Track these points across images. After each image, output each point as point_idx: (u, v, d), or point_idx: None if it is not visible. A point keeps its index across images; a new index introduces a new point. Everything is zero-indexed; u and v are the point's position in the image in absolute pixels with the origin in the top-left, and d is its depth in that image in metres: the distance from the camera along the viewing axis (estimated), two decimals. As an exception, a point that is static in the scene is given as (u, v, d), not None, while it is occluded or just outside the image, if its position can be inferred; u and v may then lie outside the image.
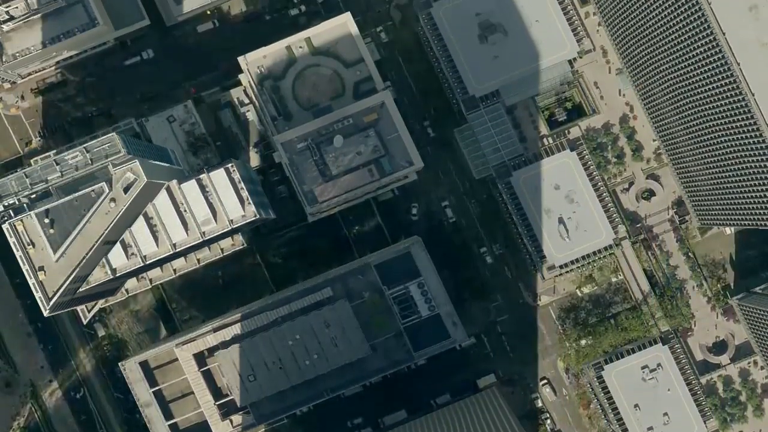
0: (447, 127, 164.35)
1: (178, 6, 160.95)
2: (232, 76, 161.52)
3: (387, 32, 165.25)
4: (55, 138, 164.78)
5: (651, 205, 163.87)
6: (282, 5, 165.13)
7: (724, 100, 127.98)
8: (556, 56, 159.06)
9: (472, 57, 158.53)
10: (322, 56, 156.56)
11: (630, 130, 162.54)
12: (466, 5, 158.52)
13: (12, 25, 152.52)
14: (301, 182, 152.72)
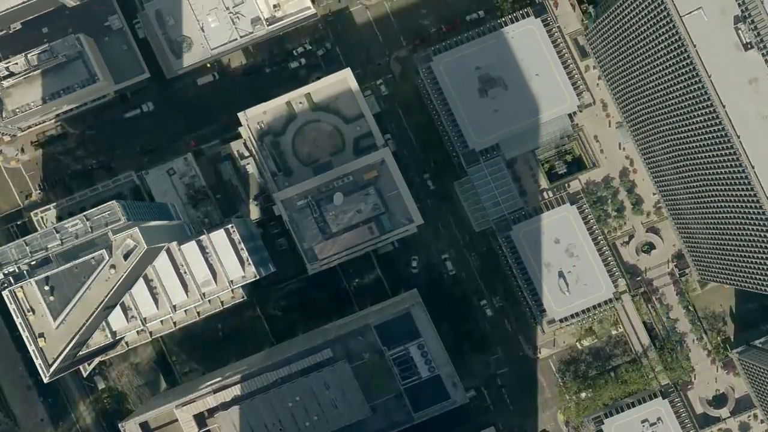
0: (447, 179, 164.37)
1: (178, 60, 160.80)
2: (232, 129, 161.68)
3: (387, 85, 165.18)
4: (55, 191, 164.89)
5: (651, 258, 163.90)
6: (282, 58, 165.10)
7: (723, 170, 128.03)
8: (556, 110, 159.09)
9: (472, 111, 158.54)
10: (322, 112, 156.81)
11: (630, 183, 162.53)
12: (466, 59, 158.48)
13: (12, 81, 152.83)
14: (301, 240, 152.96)
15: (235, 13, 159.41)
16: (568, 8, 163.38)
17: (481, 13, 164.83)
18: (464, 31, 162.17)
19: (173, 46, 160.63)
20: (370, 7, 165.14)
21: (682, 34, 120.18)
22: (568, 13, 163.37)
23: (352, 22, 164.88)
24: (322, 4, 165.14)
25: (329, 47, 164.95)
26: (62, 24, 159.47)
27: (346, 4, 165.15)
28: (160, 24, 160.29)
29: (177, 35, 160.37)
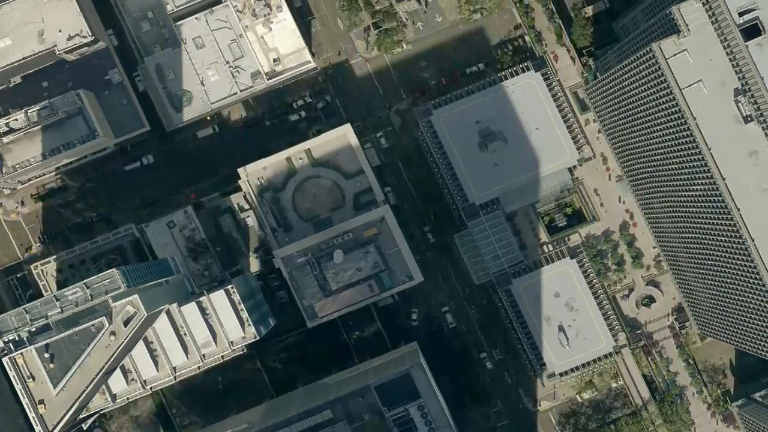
0: (447, 232, 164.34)
1: (178, 114, 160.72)
2: (232, 182, 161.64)
3: (387, 138, 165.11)
4: (55, 243, 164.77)
5: (651, 312, 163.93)
6: (282, 111, 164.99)
7: (723, 239, 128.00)
8: (556, 164, 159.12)
9: (472, 164, 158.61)
10: (322, 167, 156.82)
11: (630, 237, 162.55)
12: (466, 113, 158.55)
13: (12, 137, 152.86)
14: (302, 297, 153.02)
15: (235, 67, 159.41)
16: (567, 61, 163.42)
17: (481, 66, 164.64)
18: (464, 83, 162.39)
19: (173, 100, 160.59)
20: (369, 59, 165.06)
21: (682, 106, 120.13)
22: (568, 66, 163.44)
23: (351, 74, 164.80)
24: (322, 57, 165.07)
25: (329, 100, 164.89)
26: (62, 78, 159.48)
27: (346, 57, 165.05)
28: (160, 78, 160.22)
29: (177, 89, 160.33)
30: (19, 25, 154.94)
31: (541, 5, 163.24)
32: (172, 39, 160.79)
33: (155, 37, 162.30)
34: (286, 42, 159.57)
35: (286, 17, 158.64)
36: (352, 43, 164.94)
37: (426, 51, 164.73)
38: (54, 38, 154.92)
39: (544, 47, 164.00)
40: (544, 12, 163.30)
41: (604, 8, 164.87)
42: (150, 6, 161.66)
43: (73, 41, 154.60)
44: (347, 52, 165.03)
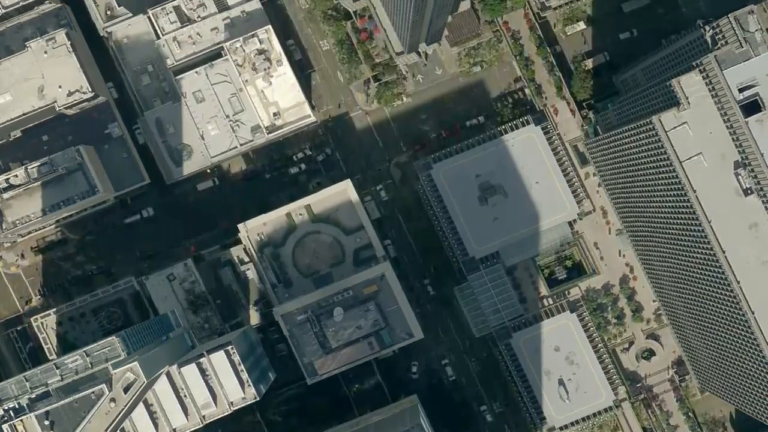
0: (447, 284, 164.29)
1: (178, 168, 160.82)
2: (232, 235, 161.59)
3: (387, 190, 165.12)
4: (55, 296, 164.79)
5: (651, 365, 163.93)
6: (282, 164, 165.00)
7: (723, 309, 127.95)
8: (556, 218, 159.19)
9: (472, 218, 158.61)
10: (322, 223, 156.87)
11: (630, 290, 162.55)
12: (466, 167, 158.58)
13: (12, 193, 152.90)
14: (302, 354, 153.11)
15: (235, 121, 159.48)
16: (568, 115, 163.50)
17: (481, 119, 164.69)
18: (464, 136, 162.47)
19: (173, 154, 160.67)
20: (369, 112, 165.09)
21: (682, 179, 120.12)
22: (568, 119, 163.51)
23: (351, 127, 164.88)
24: (321, 110, 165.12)
25: (329, 152, 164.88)
26: (62, 132, 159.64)
27: (346, 110, 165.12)
28: (160, 132, 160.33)
29: (177, 143, 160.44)
30: (19, 80, 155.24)
31: (541, 58, 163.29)
32: (172, 92, 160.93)
33: (155, 90, 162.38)
34: (286, 96, 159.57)
35: (286, 71, 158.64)
36: (352, 95, 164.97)
37: (426, 104, 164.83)
38: (54, 94, 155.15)
39: (544, 100, 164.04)
40: (545, 65, 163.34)
41: (605, 61, 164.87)
42: (150, 60, 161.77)
43: (73, 97, 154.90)
44: (347, 104, 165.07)
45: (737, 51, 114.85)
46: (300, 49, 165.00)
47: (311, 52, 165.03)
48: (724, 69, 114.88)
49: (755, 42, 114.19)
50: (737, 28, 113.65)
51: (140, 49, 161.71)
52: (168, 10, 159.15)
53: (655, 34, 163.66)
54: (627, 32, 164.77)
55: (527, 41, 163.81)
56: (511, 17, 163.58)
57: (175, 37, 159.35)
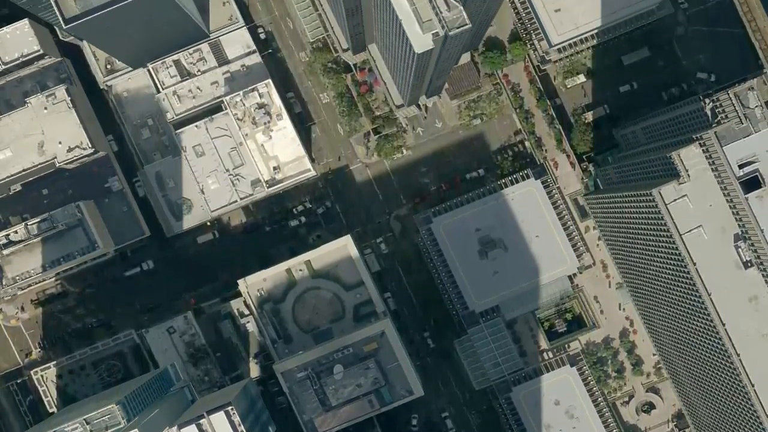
0: (447, 337, 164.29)
1: (178, 222, 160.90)
2: (232, 287, 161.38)
3: (387, 243, 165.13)
4: (55, 349, 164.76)
5: (651, 418, 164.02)
6: (282, 216, 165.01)
7: (723, 380, 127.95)
8: (556, 271, 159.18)
9: (472, 272, 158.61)
10: (322, 279, 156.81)
11: (630, 344, 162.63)
12: (466, 221, 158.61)
13: (12, 249, 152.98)
14: (302, 412, 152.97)
15: (235, 175, 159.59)
16: (568, 168, 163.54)
17: (481, 172, 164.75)
18: (464, 189, 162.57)
19: (173, 208, 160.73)
20: (369, 165, 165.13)
21: (682, 252, 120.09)
22: (568, 173, 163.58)
23: (351, 180, 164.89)
24: (321, 163, 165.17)
25: (329, 205, 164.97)
26: (62, 186, 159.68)
27: (346, 163, 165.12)
28: (160, 186, 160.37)
29: (177, 197, 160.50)
30: (19, 136, 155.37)
31: (541, 111, 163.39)
32: (172, 146, 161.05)
33: (155, 144, 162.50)
34: (286, 150, 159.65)
35: (286, 125, 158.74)
36: (352, 148, 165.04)
37: (426, 156, 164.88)
38: (54, 150, 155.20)
39: (544, 153, 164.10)
40: (545, 118, 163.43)
41: (604, 114, 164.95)
42: (150, 113, 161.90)
43: (73, 153, 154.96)
44: (347, 157, 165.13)
45: (737, 127, 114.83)
46: (300, 101, 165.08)
47: (311, 104, 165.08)
48: (725, 145, 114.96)
49: (755, 118, 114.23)
50: (737, 104, 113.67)
51: (140, 102, 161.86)
52: (168, 64, 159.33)
53: (655, 86, 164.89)
54: (627, 85, 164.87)
55: (527, 94, 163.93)
56: (511, 70, 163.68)
57: (175, 91, 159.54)
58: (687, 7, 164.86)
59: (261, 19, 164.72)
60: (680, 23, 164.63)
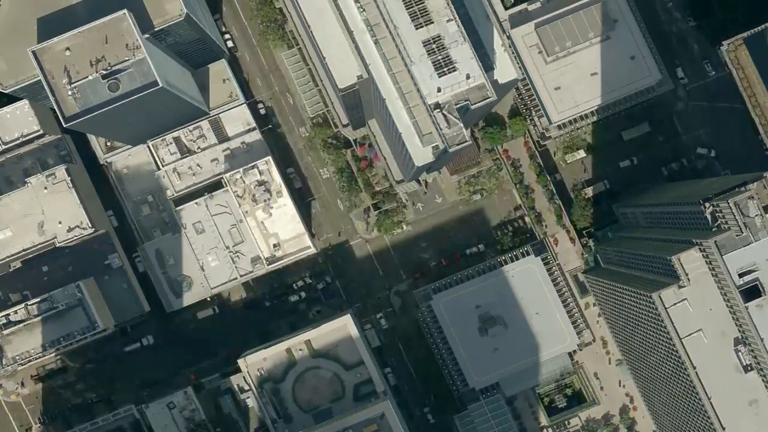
0: (447, 412, 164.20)
1: (178, 300, 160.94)
2: (232, 363, 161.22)
3: (387, 318, 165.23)
4: (55, 424, 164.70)
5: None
6: (282, 292, 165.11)
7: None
8: (556, 348, 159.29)
9: (472, 349, 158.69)
10: (322, 359, 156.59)
11: (630, 420, 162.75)
12: (466, 297, 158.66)
13: (12, 329, 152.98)
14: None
15: (235, 252, 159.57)
16: (568, 245, 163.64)
17: (481, 247, 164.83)
18: (464, 264, 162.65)
19: (173, 285, 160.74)
20: (369, 240, 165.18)
21: (682, 355, 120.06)
22: (568, 249, 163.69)
23: (352, 255, 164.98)
24: (321, 238, 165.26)
25: (329, 281, 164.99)
26: (62, 263, 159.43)
27: (346, 238, 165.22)
28: (160, 263, 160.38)
29: (177, 274, 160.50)
30: (20, 216, 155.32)
31: (541, 186, 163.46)
32: (172, 223, 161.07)
33: (155, 220, 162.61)
34: (287, 227, 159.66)
35: (287, 202, 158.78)
36: (352, 224, 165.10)
37: (426, 232, 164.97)
38: (54, 230, 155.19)
39: (544, 228, 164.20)
40: (544, 193, 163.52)
41: (604, 189, 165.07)
42: (150, 190, 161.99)
43: (73, 233, 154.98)
44: (347, 233, 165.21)
45: (737, 236, 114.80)
46: (300, 177, 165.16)
47: (311, 180, 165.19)
48: (725, 254, 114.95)
49: (755, 227, 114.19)
50: (737, 213, 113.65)
51: (140, 179, 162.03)
52: (168, 141, 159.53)
53: (656, 161, 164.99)
54: (627, 160, 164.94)
55: (527, 169, 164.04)
56: (511, 145, 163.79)
57: (175, 168, 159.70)
58: (687, 83, 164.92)
59: (261, 94, 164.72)
60: (680, 98, 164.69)
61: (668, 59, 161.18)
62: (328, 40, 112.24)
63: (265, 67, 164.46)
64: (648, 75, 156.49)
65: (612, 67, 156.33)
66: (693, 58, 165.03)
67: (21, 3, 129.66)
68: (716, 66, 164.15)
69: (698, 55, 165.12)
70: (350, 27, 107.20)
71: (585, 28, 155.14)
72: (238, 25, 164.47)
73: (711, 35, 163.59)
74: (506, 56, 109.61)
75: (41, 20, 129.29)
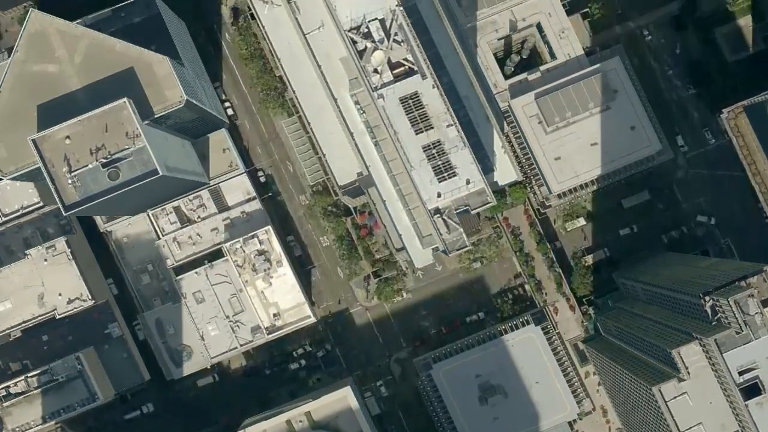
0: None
1: (178, 369, 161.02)
2: (232, 430, 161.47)
3: (387, 386, 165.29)
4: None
5: None
6: (282, 359, 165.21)
7: None
8: (556, 418, 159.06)
9: (472, 418, 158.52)
10: (322, 431, 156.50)
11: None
12: (466, 367, 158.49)
13: (12, 401, 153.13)
14: None
15: (235, 322, 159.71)
16: (568, 313, 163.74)
17: (482, 315, 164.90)
18: (464, 332, 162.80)
19: (173, 355, 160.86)
20: (369, 308, 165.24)
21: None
22: (568, 318, 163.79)
23: (352, 323, 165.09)
24: (321, 306, 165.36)
25: (329, 348, 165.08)
26: (62, 332, 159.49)
27: (346, 306, 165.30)
28: (160, 332, 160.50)
29: (177, 344, 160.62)
30: (19, 288, 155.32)
31: (541, 254, 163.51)
32: (172, 292, 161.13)
33: (155, 289, 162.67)
34: (287, 297, 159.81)
35: (287, 272, 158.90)
36: (352, 291, 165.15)
37: (426, 299, 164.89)
38: (54, 302, 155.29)
39: (544, 296, 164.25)
40: (544, 261, 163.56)
41: (604, 257, 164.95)
42: (150, 259, 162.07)
43: (73, 305, 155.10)
44: (347, 300, 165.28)
45: (737, 334, 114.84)
46: (300, 245, 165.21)
47: (311, 248, 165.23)
48: (724, 352, 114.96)
49: (755, 325, 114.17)
50: (737, 311, 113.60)
51: (140, 248, 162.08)
52: (168, 210, 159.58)
53: (656, 229, 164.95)
54: (627, 228, 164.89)
55: (527, 237, 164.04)
56: (511, 213, 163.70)
57: (175, 237, 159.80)
58: (687, 150, 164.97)
59: (261, 162, 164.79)
60: (680, 166, 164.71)
61: (668, 127, 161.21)
62: (327, 137, 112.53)
63: (265, 134, 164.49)
64: (648, 145, 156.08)
65: (612, 137, 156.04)
66: (693, 126, 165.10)
67: (21, 89, 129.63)
68: (716, 134, 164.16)
69: (698, 122, 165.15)
70: (350, 128, 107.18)
71: (585, 98, 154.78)
72: (238, 93, 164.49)
73: (711, 103, 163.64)
74: (506, 158, 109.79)
75: (41, 107, 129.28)
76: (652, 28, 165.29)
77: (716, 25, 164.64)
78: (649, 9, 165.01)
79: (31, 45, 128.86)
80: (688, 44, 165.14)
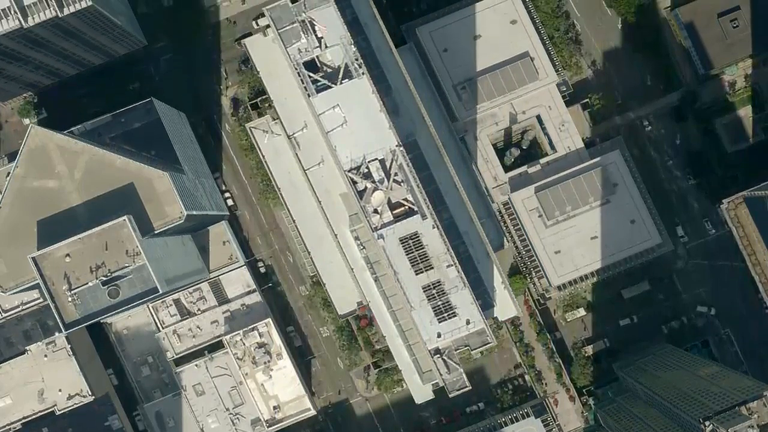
0: None
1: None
2: None
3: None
4: None
5: None
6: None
7: None
8: None
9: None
10: None
11: None
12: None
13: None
14: None
15: (235, 414, 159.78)
16: (568, 405, 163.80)
17: (481, 405, 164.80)
18: (464, 423, 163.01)
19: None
20: (369, 399, 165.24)
21: None
22: (568, 410, 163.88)
23: (351, 413, 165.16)
24: (321, 396, 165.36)
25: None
26: (62, 424, 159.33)
27: (346, 396, 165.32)
28: (160, 425, 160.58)
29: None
30: (19, 384, 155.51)
31: (541, 344, 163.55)
32: (172, 384, 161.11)
33: (155, 381, 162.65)
34: (287, 389, 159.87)
35: (287, 364, 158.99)
36: (352, 382, 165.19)
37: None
38: (54, 398, 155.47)
39: (545, 386, 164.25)
40: (544, 351, 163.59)
41: (604, 347, 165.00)
42: (150, 351, 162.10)
43: (73, 401, 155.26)
44: (347, 391, 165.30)
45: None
46: (300, 335, 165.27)
47: (311, 338, 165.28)
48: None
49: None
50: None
51: (140, 340, 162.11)
52: (168, 303, 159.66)
53: (656, 320, 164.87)
54: (627, 318, 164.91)
55: (527, 327, 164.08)
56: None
57: (175, 329, 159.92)
58: (687, 241, 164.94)
59: (261, 253, 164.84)
60: (680, 257, 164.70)
61: (668, 217, 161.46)
62: (327, 267, 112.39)
63: (265, 225, 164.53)
64: (648, 238, 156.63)
65: (612, 230, 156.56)
66: (693, 216, 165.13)
67: (21, 205, 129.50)
68: (716, 224, 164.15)
69: (698, 213, 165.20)
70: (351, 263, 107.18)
71: (585, 192, 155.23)
72: (238, 183, 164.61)
73: (711, 193, 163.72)
74: (506, 294, 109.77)
75: (41, 222, 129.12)
76: (652, 118, 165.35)
77: (716, 116, 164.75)
78: (649, 100, 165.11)
79: (31, 160, 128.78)
80: (688, 135, 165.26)
